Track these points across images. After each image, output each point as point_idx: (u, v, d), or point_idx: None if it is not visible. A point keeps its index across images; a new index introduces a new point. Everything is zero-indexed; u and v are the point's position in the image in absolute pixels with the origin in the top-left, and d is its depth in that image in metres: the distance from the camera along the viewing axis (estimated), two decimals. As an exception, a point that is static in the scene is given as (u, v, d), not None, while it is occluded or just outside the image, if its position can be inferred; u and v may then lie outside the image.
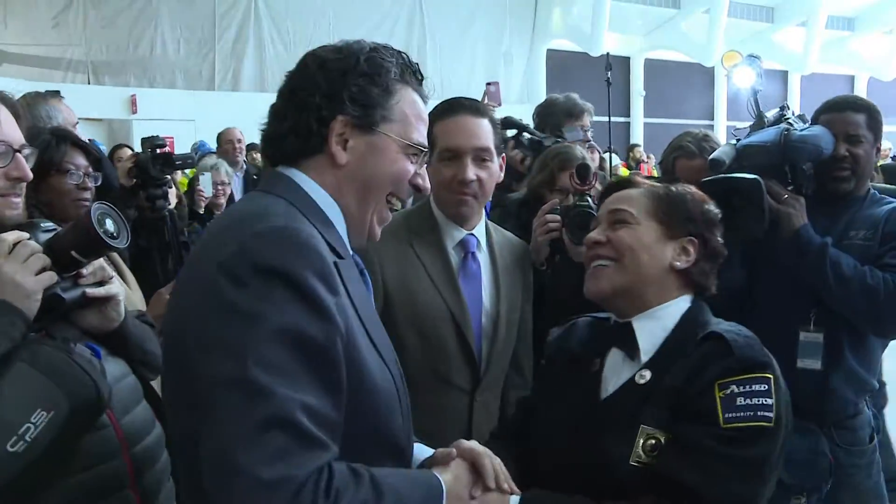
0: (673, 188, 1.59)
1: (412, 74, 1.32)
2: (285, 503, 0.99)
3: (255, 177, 5.73)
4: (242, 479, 0.99)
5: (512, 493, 1.33)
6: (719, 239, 1.57)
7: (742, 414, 1.32)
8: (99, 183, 2.23)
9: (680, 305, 1.52)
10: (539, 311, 2.26)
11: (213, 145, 6.59)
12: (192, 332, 1.11)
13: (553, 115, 3.25)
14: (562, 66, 14.30)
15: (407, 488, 1.14)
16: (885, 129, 2.46)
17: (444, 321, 1.93)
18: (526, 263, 2.18)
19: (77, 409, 1.28)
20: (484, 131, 1.98)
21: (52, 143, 2.11)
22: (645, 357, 1.47)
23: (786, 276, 2.29)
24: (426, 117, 1.35)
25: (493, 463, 1.31)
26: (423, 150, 1.32)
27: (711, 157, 2.39)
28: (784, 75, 16.86)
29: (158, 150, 2.96)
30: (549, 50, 14.50)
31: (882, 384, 2.68)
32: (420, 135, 1.32)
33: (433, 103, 1.94)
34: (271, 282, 1.07)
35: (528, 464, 1.53)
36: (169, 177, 3.00)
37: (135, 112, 10.19)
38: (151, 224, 2.90)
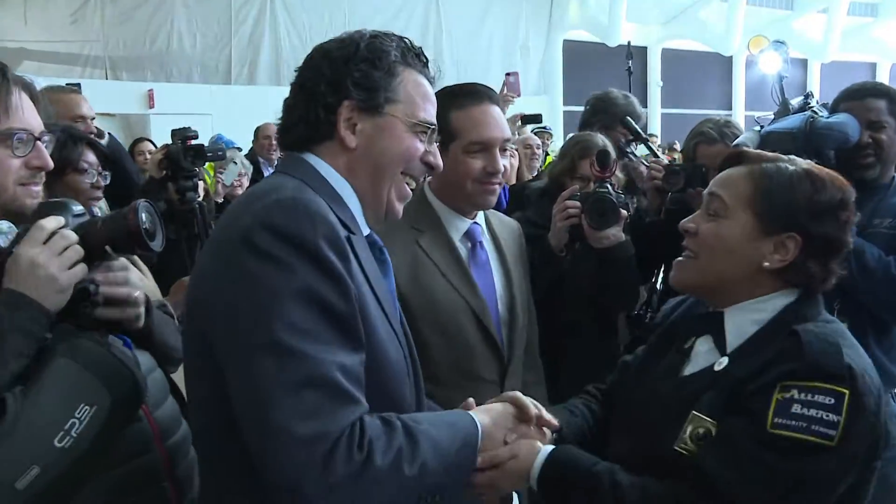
0: (783, 167, 1.41)
1: (415, 57, 1.35)
2: (322, 458, 1.04)
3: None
4: (280, 437, 1.04)
5: (550, 434, 1.39)
6: (836, 227, 1.38)
7: (794, 423, 1.21)
8: (108, 181, 2.23)
9: (780, 300, 1.40)
10: (557, 298, 2.25)
11: (230, 139, 6.61)
12: (216, 304, 1.15)
13: (608, 114, 3.03)
14: (579, 56, 14.21)
15: (442, 430, 1.19)
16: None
17: (465, 316, 1.91)
18: (521, 241, 2.17)
19: (118, 402, 1.28)
20: (505, 120, 1.98)
21: (68, 142, 2.09)
22: (730, 348, 1.39)
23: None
24: (433, 97, 1.37)
25: (532, 402, 1.39)
26: (430, 128, 1.34)
27: (735, 142, 2.38)
28: (804, 63, 16.59)
29: (189, 142, 2.95)
30: (565, 40, 14.39)
31: None
32: (426, 113, 1.34)
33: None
34: (286, 248, 1.11)
35: (605, 427, 1.56)
36: (198, 169, 3.00)
37: (152, 107, 10.25)
38: (181, 216, 2.90)
